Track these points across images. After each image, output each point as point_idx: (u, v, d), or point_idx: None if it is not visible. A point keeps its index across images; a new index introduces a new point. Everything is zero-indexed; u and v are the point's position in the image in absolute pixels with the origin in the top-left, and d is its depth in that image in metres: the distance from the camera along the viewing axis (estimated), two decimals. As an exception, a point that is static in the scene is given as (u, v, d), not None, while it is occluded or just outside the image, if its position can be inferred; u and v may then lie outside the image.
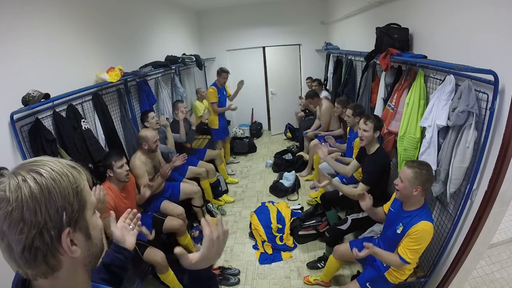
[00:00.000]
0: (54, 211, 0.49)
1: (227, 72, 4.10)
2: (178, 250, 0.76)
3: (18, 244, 0.47)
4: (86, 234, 0.56)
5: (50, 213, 0.48)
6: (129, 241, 0.99)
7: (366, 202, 1.91)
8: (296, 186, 3.81)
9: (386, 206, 1.97)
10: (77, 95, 2.22)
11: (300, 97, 4.13)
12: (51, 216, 0.48)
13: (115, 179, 2.14)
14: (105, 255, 0.96)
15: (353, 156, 2.90)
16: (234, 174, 4.43)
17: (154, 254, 2.15)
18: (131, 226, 1.03)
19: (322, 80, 5.03)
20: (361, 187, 2.23)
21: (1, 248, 0.49)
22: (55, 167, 0.51)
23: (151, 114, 2.88)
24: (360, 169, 2.58)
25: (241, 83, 4.18)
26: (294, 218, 3.05)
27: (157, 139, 2.60)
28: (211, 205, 3.40)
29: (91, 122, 2.40)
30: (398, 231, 1.71)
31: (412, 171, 1.61)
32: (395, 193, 1.79)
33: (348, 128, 3.12)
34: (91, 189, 0.59)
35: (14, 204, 0.46)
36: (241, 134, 5.68)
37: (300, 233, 2.87)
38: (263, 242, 2.86)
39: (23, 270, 0.50)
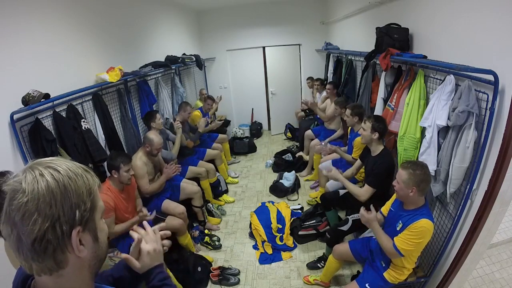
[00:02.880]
0: (68, 207, 0.50)
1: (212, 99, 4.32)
2: (124, 255, 0.81)
3: (29, 236, 0.47)
4: (94, 236, 0.57)
5: (65, 208, 0.50)
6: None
7: (370, 216, 1.79)
8: (296, 186, 3.81)
9: (385, 209, 1.96)
10: (77, 95, 2.22)
11: (303, 102, 4.11)
12: (65, 211, 0.50)
13: (117, 180, 2.14)
14: (115, 266, 0.89)
15: (353, 155, 2.90)
16: (238, 177, 4.37)
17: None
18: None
19: (323, 80, 5.02)
20: (366, 188, 2.19)
21: (9, 240, 0.49)
22: (71, 167, 0.53)
23: (159, 115, 2.90)
24: (361, 169, 2.59)
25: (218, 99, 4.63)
26: (294, 218, 3.05)
27: (161, 147, 2.61)
28: (211, 205, 3.40)
29: (91, 122, 2.40)
30: (398, 228, 1.70)
31: (406, 173, 1.61)
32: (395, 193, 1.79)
33: (349, 128, 3.13)
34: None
35: (30, 195, 0.47)
36: (241, 134, 5.68)
37: (300, 233, 2.87)
38: (263, 242, 2.85)
39: (28, 263, 0.50)
